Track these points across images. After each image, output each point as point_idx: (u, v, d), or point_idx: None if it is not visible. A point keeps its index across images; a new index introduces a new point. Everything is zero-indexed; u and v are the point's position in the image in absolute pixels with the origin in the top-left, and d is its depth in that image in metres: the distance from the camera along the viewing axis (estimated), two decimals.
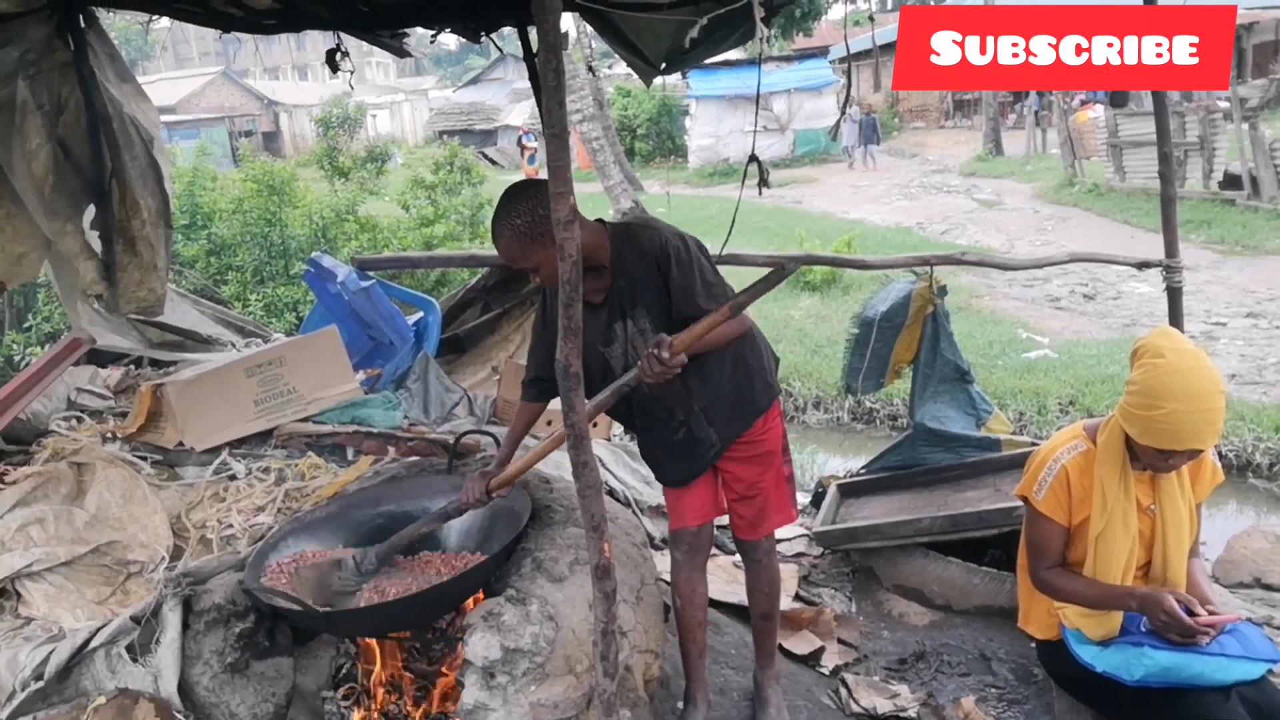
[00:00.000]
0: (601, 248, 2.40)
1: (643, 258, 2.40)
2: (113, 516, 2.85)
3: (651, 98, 29.21)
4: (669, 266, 2.37)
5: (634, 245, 2.41)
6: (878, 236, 14.86)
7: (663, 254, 2.38)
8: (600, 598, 1.91)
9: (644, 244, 2.40)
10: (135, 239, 3.41)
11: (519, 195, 2.31)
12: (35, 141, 3.11)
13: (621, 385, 2.16)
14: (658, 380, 2.12)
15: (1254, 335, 9.32)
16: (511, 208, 2.29)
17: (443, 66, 64.83)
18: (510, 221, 2.28)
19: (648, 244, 2.40)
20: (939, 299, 4.02)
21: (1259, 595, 3.69)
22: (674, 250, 2.38)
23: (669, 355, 2.07)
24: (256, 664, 2.30)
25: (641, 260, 2.40)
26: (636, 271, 2.41)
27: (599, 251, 2.39)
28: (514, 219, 2.27)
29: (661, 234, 2.42)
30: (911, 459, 4.20)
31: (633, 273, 2.41)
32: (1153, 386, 2.22)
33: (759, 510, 2.68)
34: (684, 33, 3.45)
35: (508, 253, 2.33)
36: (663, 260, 2.38)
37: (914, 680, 3.27)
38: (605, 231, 2.44)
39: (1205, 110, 14.06)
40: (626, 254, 2.41)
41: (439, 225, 11.70)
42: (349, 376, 3.59)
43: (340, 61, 3.53)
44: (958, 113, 30.56)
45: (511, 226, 2.28)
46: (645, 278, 2.40)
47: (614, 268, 2.42)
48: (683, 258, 2.38)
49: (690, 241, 2.44)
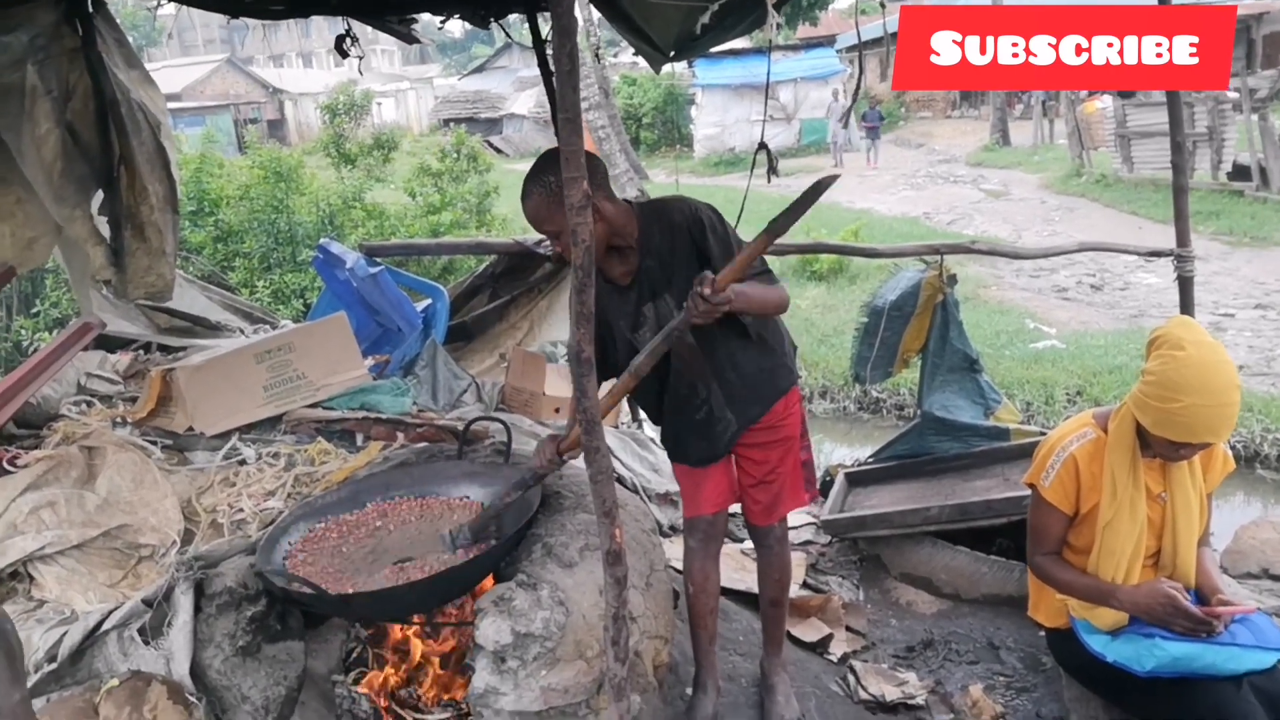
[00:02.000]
0: (630, 225, 2.39)
1: (673, 231, 2.38)
2: (124, 500, 2.86)
3: (657, 86, 29.11)
4: (704, 235, 2.36)
5: (663, 221, 2.40)
6: (884, 226, 14.82)
7: (696, 223, 2.37)
8: (611, 583, 1.91)
9: (675, 216, 2.39)
10: (144, 225, 3.42)
11: (555, 157, 2.29)
12: (45, 126, 3.12)
13: (671, 330, 2.11)
14: (705, 320, 2.07)
15: (1262, 326, 9.29)
16: (545, 167, 2.27)
17: (448, 54, 64.71)
18: (543, 178, 2.25)
19: (679, 216, 2.39)
20: (949, 288, 4.01)
21: (1267, 586, 3.68)
22: (707, 219, 2.38)
23: (711, 291, 2.02)
24: (268, 647, 2.31)
25: (672, 234, 2.38)
26: (666, 248, 2.39)
27: (627, 229, 2.38)
28: (547, 177, 2.24)
29: (692, 204, 2.42)
30: (920, 448, 4.20)
31: (661, 251, 2.40)
32: (1171, 379, 2.21)
33: (775, 495, 2.68)
34: (694, 19, 3.44)
35: (534, 212, 2.29)
36: (696, 229, 2.37)
37: (922, 668, 3.27)
38: (633, 210, 2.43)
39: (1214, 101, 13.98)
40: (654, 232, 2.40)
41: (446, 213, 11.71)
42: (358, 363, 3.59)
43: (349, 48, 3.52)
44: (964, 103, 30.42)
45: (544, 184, 2.25)
46: (677, 251, 2.38)
47: (642, 248, 2.41)
48: (717, 227, 2.39)
49: (719, 213, 2.44)
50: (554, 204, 2.23)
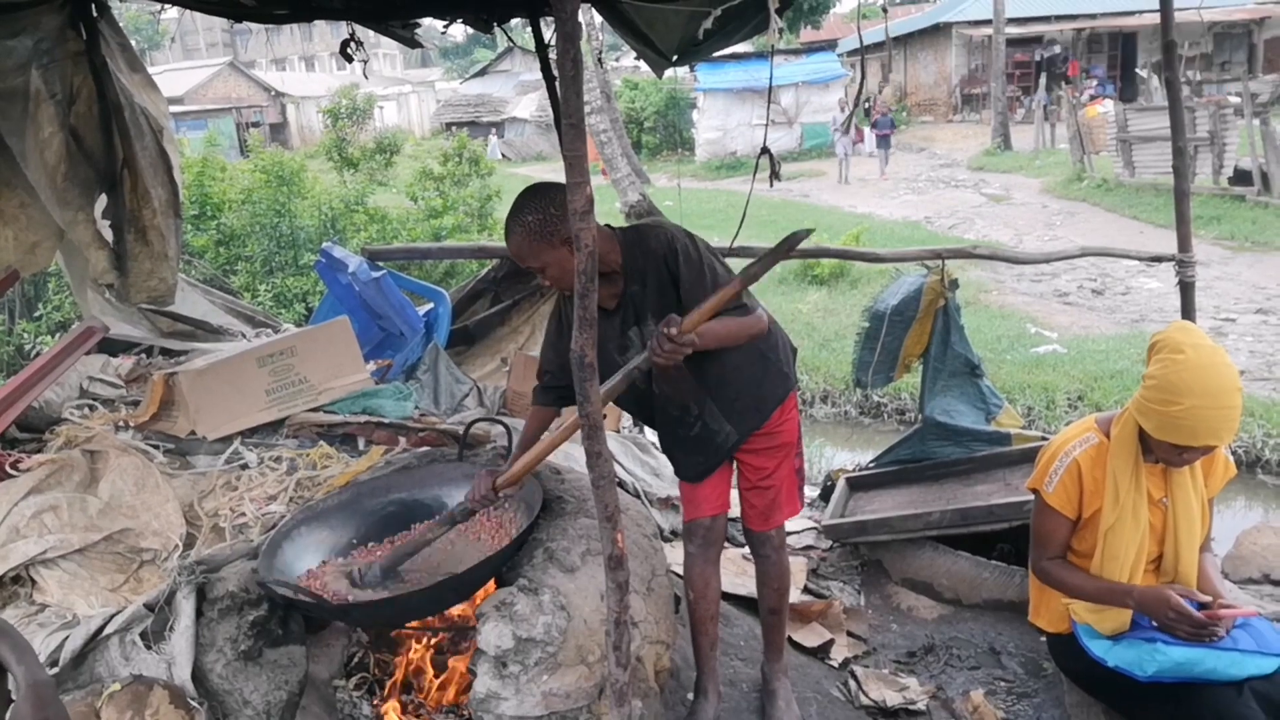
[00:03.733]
0: (612, 252, 2.39)
1: (651, 258, 2.39)
2: (126, 504, 2.86)
3: (659, 90, 29.18)
4: (677, 264, 2.36)
5: (643, 247, 2.40)
6: (886, 230, 14.84)
7: (670, 251, 2.37)
8: (613, 588, 1.91)
9: (651, 244, 2.39)
10: (146, 228, 3.42)
11: (533, 194, 2.31)
12: (48, 130, 3.13)
13: (632, 369, 2.11)
14: (668, 361, 2.06)
15: (1263, 331, 9.28)
16: (524, 205, 2.29)
17: (449, 59, 64.78)
18: (522, 218, 2.28)
19: (655, 243, 2.39)
20: (950, 292, 4.01)
21: (1268, 591, 3.68)
22: (681, 248, 2.37)
23: (677, 332, 2.02)
24: (270, 652, 2.31)
25: (650, 261, 2.39)
26: (648, 275, 2.40)
27: (610, 256, 2.38)
28: (526, 216, 2.27)
29: (668, 232, 2.41)
30: (921, 453, 4.20)
31: (645, 277, 2.40)
32: (1172, 382, 2.21)
33: (772, 500, 2.68)
34: (697, 24, 3.46)
35: (517, 250, 2.32)
36: (670, 258, 2.37)
37: (923, 673, 3.27)
38: (615, 237, 2.43)
39: (1216, 105, 14.01)
40: (638, 257, 2.40)
41: (448, 217, 11.72)
42: (360, 367, 3.59)
43: (354, 52, 3.52)
44: (966, 107, 30.46)
45: (523, 223, 2.27)
46: (654, 277, 2.39)
47: (626, 273, 2.41)
48: (691, 255, 2.37)
49: (699, 241, 2.43)
50: (535, 240, 2.26)
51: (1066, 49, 29.68)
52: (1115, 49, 29.86)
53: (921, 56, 33.09)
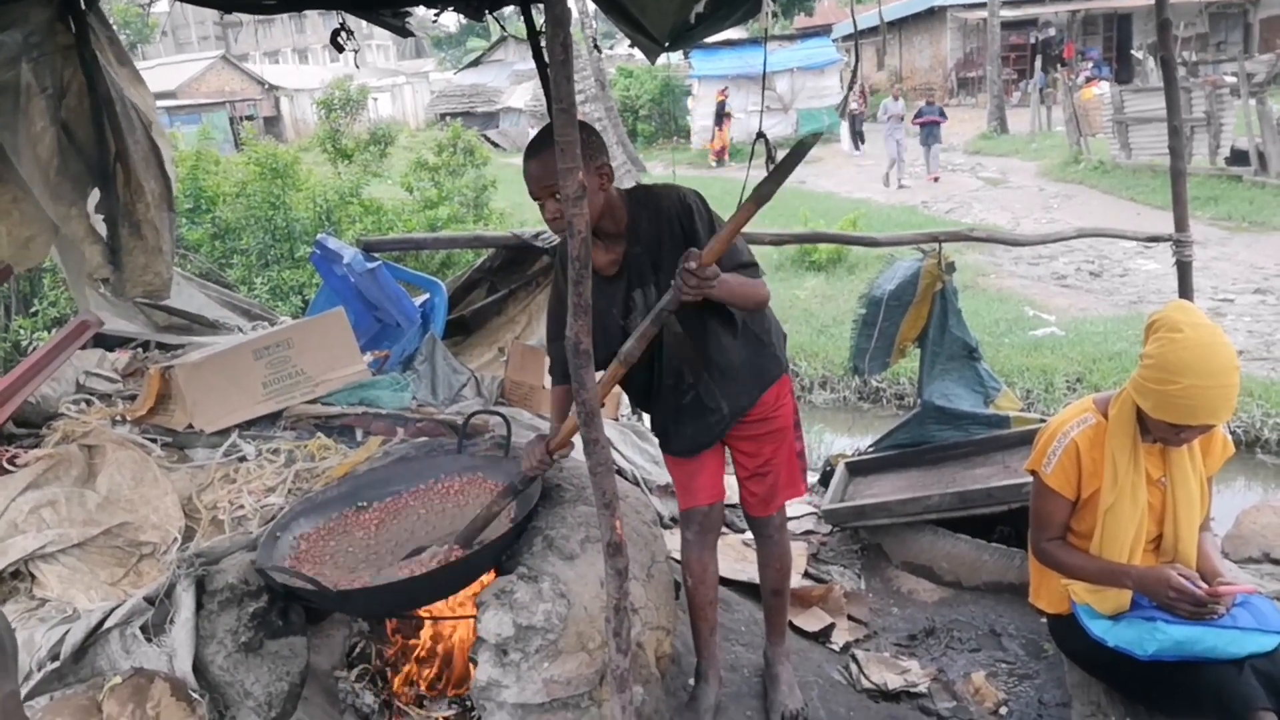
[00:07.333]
0: (619, 209, 2.38)
1: (661, 218, 2.38)
2: (124, 498, 2.86)
3: (654, 78, 29.06)
4: (692, 221, 2.36)
5: (650, 208, 2.40)
6: (883, 215, 14.79)
7: (685, 210, 2.37)
8: (612, 574, 1.91)
9: (663, 204, 2.39)
10: (140, 222, 3.41)
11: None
12: (40, 125, 3.11)
13: (660, 309, 2.09)
14: (695, 296, 2.06)
15: (1261, 311, 9.28)
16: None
17: (443, 49, 64.47)
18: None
19: (667, 204, 2.39)
20: (947, 276, 4.00)
21: (1268, 570, 3.68)
22: (695, 205, 2.39)
23: (697, 265, 2.01)
24: (270, 643, 2.31)
25: (660, 222, 2.38)
26: (654, 236, 2.38)
27: (616, 213, 2.37)
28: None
29: (680, 191, 2.42)
30: (920, 436, 4.20)
31: (649, 238, 2.39)
32: (1169, 361, 2.21)
33: (770, 487, 2.68)
34: (689, 8, 3.42)
35: (541, 166, 2.23)
36: (685, 216, 2.37)
37: (924, 656, 3.28)
38: (622, 197, 2.42)
39: (1212, 85, 13.96)
40: (642, 219, 2.39)
41: (443, 207, 11.67)
42: (356, 358, 3.58)
43: (344, 42, 3.50)
44: (961, 90, 30.38)
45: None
46: (665, 240, 2.37)
47: (629, 235, 2.40)
48: (703, 212, 2.39)
49: (705, 199, 2.45)
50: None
51: (1062, 31, 29.60)
52: (1110, 30, 29.79)
53: (916, 40, 33.00)
